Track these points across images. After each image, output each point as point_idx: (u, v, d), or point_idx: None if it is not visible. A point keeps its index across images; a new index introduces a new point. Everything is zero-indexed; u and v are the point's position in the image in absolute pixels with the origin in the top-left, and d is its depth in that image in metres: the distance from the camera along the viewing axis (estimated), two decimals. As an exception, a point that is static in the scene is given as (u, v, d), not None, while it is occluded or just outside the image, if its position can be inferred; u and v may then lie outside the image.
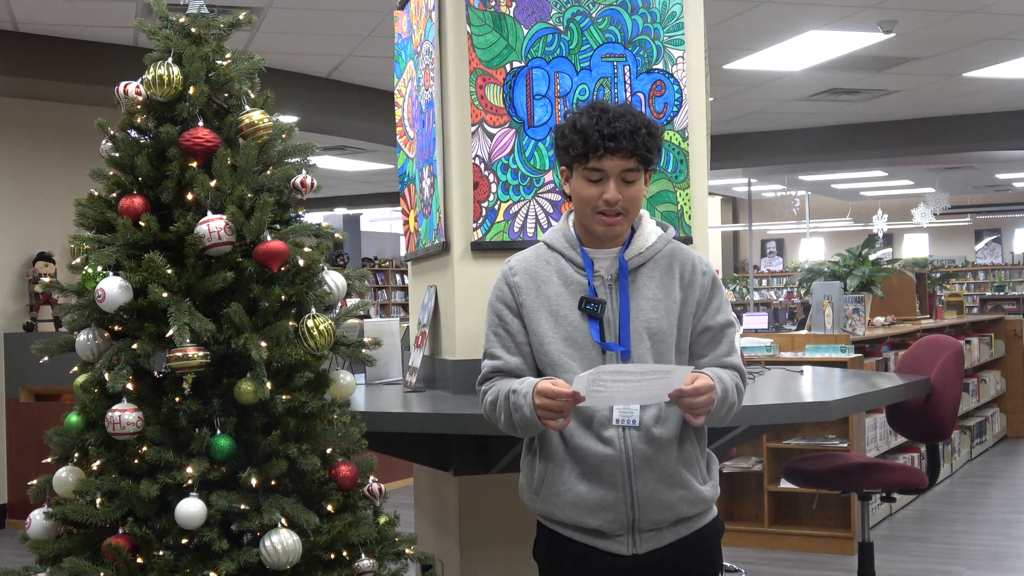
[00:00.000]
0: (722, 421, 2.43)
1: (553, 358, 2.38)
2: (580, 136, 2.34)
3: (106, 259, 2.45)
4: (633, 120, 2.33)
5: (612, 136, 2.31)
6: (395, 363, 4.00)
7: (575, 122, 2.36)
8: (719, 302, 2.46)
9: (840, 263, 7.54)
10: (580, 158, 2.35)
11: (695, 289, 2.43)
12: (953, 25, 7.57)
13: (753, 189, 17.16)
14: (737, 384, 2.42)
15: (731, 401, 2.38)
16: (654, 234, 2.46)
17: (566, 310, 2.39)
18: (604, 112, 2.34)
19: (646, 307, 2.39)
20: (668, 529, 2.40)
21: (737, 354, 2.48)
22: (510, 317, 2.44)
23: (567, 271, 2.42)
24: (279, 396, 2.47)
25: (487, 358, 2.48)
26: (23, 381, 7.54)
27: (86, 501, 2.43)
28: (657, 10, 3.52)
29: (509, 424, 2.37)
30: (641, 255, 2.42)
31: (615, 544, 2.38)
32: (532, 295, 2.42)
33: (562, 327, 2.38)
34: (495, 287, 2.50)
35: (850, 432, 6.04)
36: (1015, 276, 22.22)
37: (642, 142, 2.33)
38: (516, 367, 2.42)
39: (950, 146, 11.60)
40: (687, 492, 2.39)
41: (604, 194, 2.34)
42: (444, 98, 3.49)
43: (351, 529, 2.51)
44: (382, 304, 19.61)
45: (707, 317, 2.44)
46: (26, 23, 7.07)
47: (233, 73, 2.62)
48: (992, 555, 6.05)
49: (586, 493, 2.36)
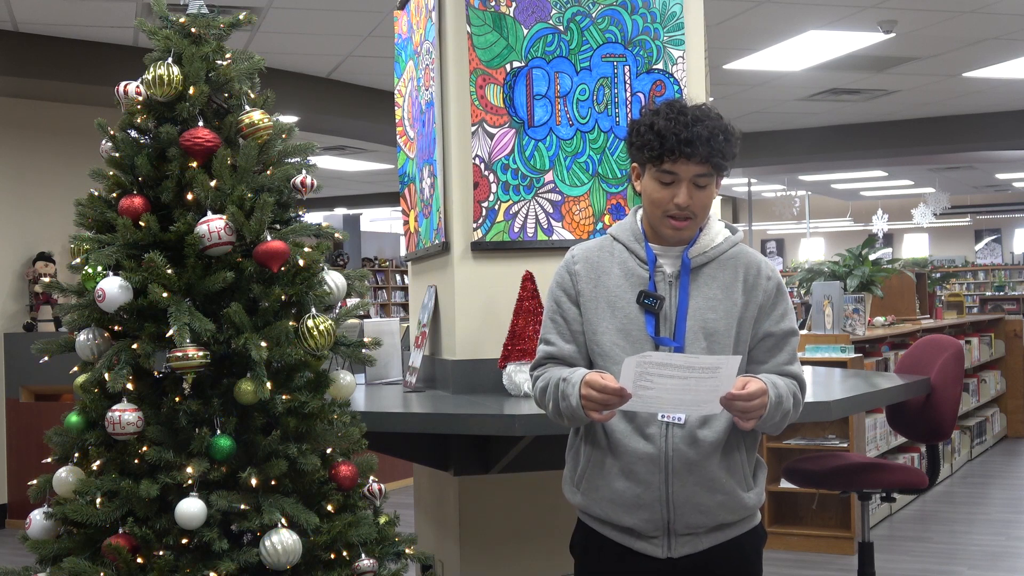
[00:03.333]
0: (776, 429, 2.37)
1: (604, 348, 2.35)
2: (657, 138, 2.29)
3: (106, 259, 2.45)
4: (711, 125, 2.29)
5: (688, 141, 2.27)
6: (395, 363, 4.00)
7: (652, 123, 2.32)
8: (783, 309, 2.42)
9: (840, 263, 7.54)
10: (654, 160, 2.31)
11: (758, 293, 2.39)
12: (953, 25, 7.57)
13: (753, 189, 17.17)
14: (795, 393, 2.37)
15: (785, 408, 2.32)
16: (721, 235, 2.42)
17: (624, 302, 2.37)
18: (682, 115, 2.30)
19: (705, 306, 2.35)
20: (706, 535, 2.36)
21: (798, 363, 2.44)
22: (568, 304, 2.42)
23: (629, 264, 2.40)
24: (279, 396, 2.47)
25: (542, 343, 2.46)
26: (23, 381, 7.53)
27: (86, 501, 2.43)
28: (657, 10, 3.52)
29: (556, 412, 2.34)
30: (705, 254, 2.39)
31: (650, 546, 2.35)
32: (591, 284, 2.40)
33: (618, 318, 2.36)
34: (556, 274, 2.48)
35: (850, 432, 6.04)
36: (1015, 276, 22.20)
37: (718, 149, 2.29)
38: (570, 355, 2.40)
39: (950, 146, 11.59)
40: (727, 498, 2.35)
41: (675, 198, 2.31)
42: (444, 98, 3.49)
43: (351, 529, 2.51)
44: (382, 304, 19.61)
45: (770, 323, 2.40)
46: (26, 23, 7.06)
47: (233, 73, 2.62)
48: (992, 555, 6.05)
49: (624, 490, 2.34)
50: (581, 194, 3.51)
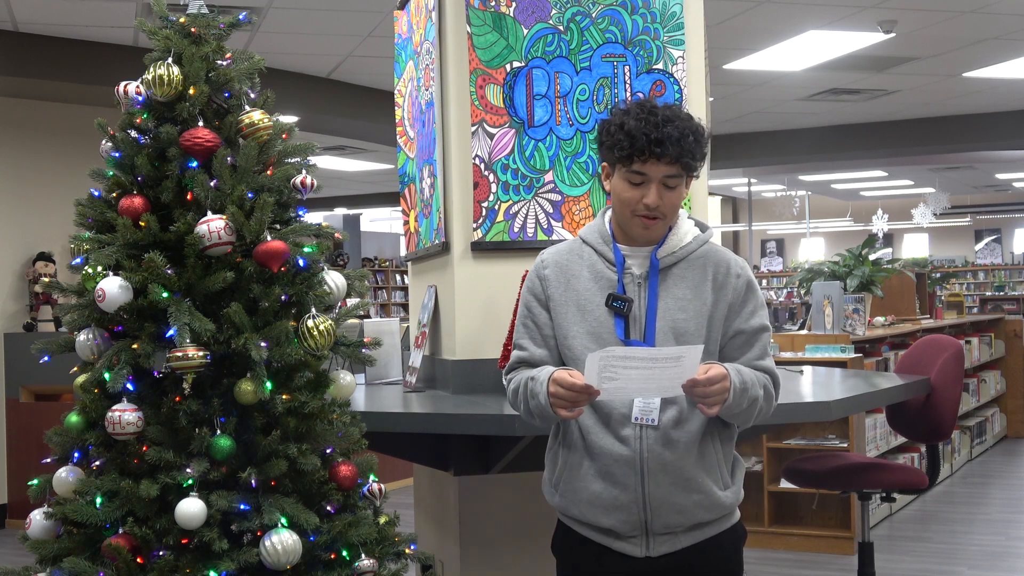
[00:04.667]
0: (746, 418, 2.37)
1: (576, 352, 2.36)
2: (627, 138, 2.30)
3: (106, 259, 2.45)
4: (681, 126, 2.29)
5: (659, 142, 2.27)
6: (395, 363, 4.00)
7: (623, 122, 2.32)
8: (753, 305, 2.42)
9: (840, 263, 7.54)
10: (624, 160, 2.32)
11: (728, 291, 2.40)
12: (953, 25, 7.57)
13: (753, 189, 17.18)
14: (765, 385, 2.38)
15: (753, 395, 2.32)
16: (690, 234, 2.43)
17: (593, 305, 2.38)
18: (652, 115, 2.30)
19: (674, 307, 2.36)
20: (684, 533, 2.37)
21: (770, 359, 2.44)
22: (538, 309, 2.44)
23: (598, 266, 2.41)
24: (279, 396, 2.47)
25: (515, 348, 2.48)
26: (23, 381, 7.53)
27: (86, 501, 2.43)
28: (657, 10, 3.52)
29: (528, 412, 2.37)
30: (674, 254, 2.40)
31: (628, 545, 2.37)
32: (561, 288, 2.41)
33: (588, 322, 2.37)
34: (527, 278, 2.49)
35: (850, 432, 6.04)
36: (1015, 276, 22.20)
37: (688, 149, 2.29)
38: (542, 359, 2.41)
39: (950, 146, 11.60)
40: (704, 497, 2.36)
41: (645, 198, 2.31)
42: (444, 98, 3.49)
43: (351, 529, 2.51)
44: (382, 304, 19.61)
45: (740, 320, 2.40)
46: (26, 23, 7.06)
47: (233, 73, 2.62)
48: (992, 555, 6.05)
49: (600, 492, 2.35)
50: (581, 194, 3.51)
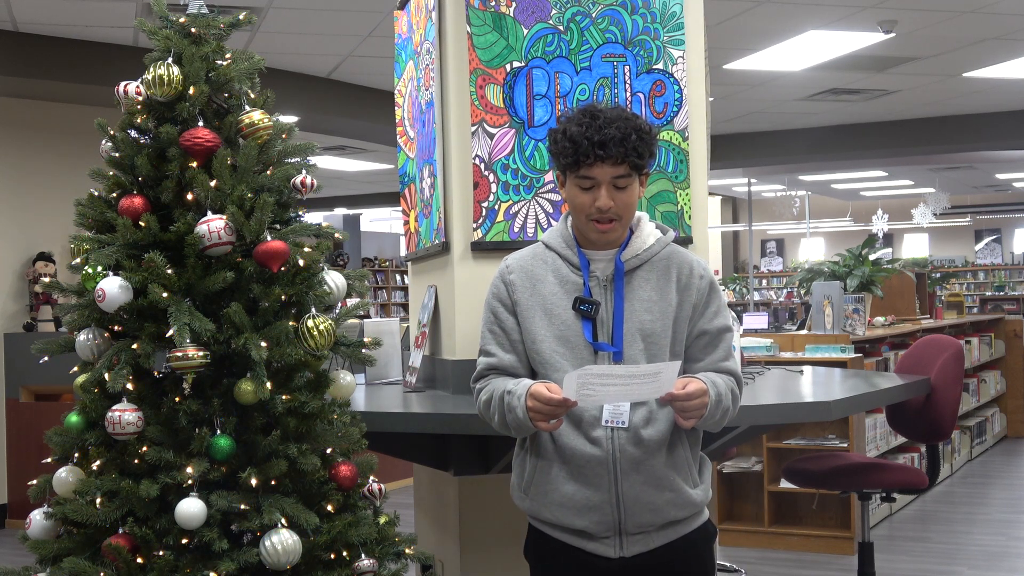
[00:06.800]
0: (716, 426, 2.41)
1: (545, 356, 2.38)
2: (571, 144, 2.32)
3: (106, 259, 2.45)
4: (623, 126, 2.31)
5: (602, 144, 2.29)
6: (395, 363, 4.00)
7: (566, 129, 2.35)
8: (716, 306, 2.45)
9: (840, 263, 7.54)
10: (571, 166, 2.34)
11: (691, 292, 2.42)
12: (953, 25, 7.57)
13: (753, 189, 17.16)
14: (732, 389, 2.41)
15: (725, 406, 2.37)
16: (652, 236, 2.45)
17: (560, 309, 2.39)
18: (594, 119, 2.32)
19: (640, 309, 2.38)
20: (656, 532, 2.39)
21: (734, 359, 2.48)
22: (505, 315, 2.45)
23: (563, 271, 2.42)
24: (279, 396, 2.47)
25: (482, 355, 2.49)
26: (23, 381, 7.54)
27: (86, 501, 2.43)
28: (657, 10, 3.52)
29: (503, 424, 2.38)
30: (638, 257, 2.42)
31: (602, 546, 2.38)
32: (527, 293, 2.43)
33: (555, 326, 2.39)
34: (492, 284, 2.51)
35: (850, 432, 6.04)
36: (1015, 276, 22.21)
37: (632, 148, 2.31)
38: (510, 365, 2.43)
39: (950, 146, 11.59)
40: (675, 495, 2.38)
41: (596, 201, 2.34)
42: (444, 98, 3.49)
43: (351, 529, 2.51)
44: (382, 304, 19.61)
45: (704, 321, 2.44)
46: (26, 23, 7.06)
47: (233, 73, 2.62)
48: (992, 555, 6.05)
49: (573, 493, 2.37)
50: (581, 194, 3.51)
